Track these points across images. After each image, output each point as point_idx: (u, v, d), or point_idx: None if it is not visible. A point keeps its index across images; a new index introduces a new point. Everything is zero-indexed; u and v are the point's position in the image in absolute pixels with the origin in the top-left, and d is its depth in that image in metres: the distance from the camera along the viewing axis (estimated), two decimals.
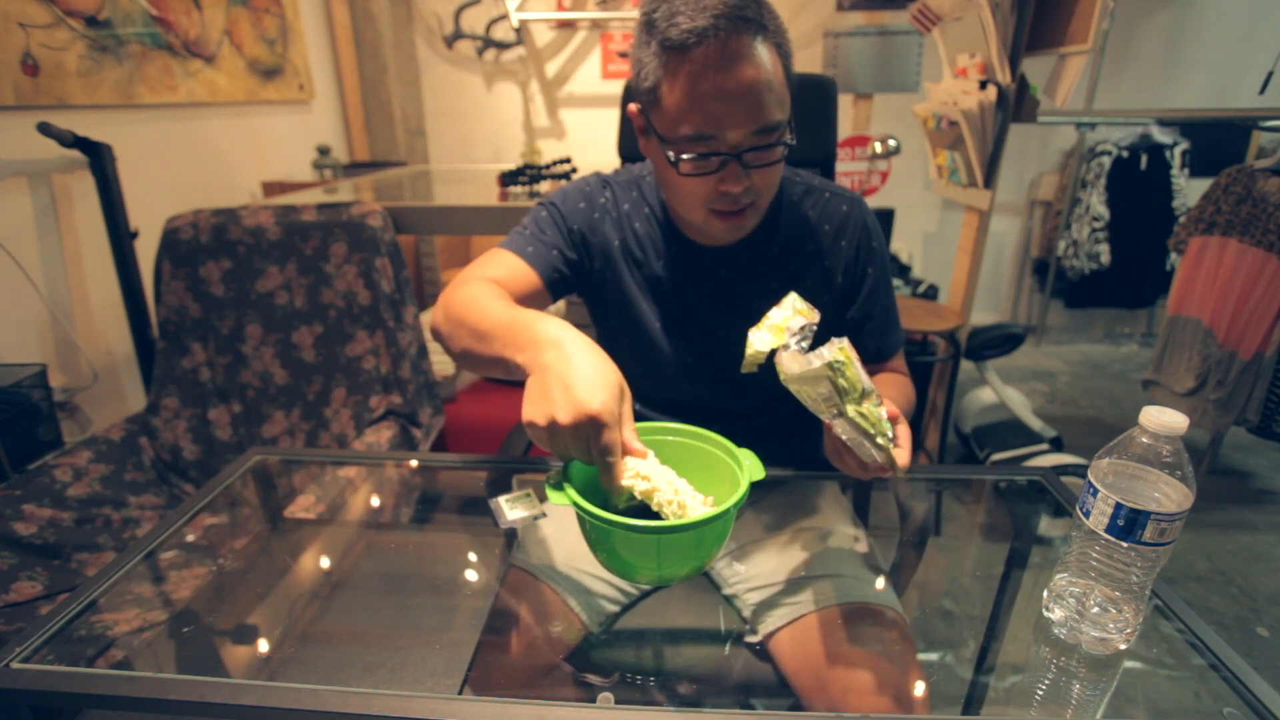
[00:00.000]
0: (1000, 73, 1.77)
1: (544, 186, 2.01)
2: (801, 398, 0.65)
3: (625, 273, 0.91)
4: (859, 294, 0.92)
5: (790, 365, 0.63)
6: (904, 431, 0.69)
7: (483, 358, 0.71)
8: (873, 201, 2.64)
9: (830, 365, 0.61)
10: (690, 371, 0.91)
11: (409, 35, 3.15)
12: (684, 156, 0.73)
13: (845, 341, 0.64)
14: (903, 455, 0.67)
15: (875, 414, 0.65)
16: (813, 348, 0.68)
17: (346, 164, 2.87)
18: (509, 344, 0.67)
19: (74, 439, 1.54)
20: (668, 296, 0.91)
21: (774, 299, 0.88)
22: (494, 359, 0.69)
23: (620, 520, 0.62)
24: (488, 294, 0.75)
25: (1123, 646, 0.62)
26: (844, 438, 0.66)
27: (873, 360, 0.94)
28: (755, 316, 0.91)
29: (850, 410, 0.63)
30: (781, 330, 0.65)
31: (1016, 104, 1.78)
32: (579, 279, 0.91)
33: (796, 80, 1.12)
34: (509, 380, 2.13)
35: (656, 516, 0.63)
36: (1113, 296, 3.21)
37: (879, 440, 0.64)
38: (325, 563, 0.95)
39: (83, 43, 1.71)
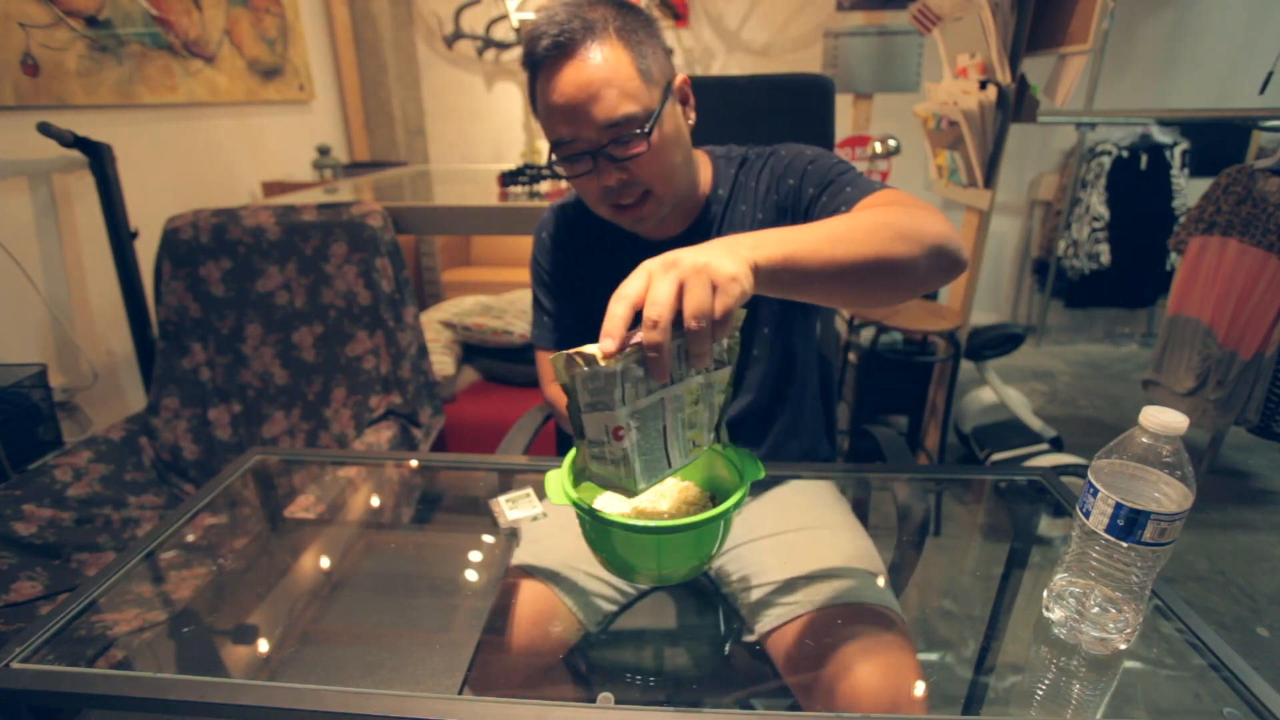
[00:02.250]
0: (1000, 73, 1.77)
1: (544, 186, 2.01)
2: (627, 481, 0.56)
3: (592, 294, 0.95)
4: (801, 200, 0.86)
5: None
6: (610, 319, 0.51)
7: None
8: None
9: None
10: None
11: (409, 35, 3.16)
12: (558, 161, 0.80)
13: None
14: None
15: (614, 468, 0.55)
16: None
17: (346, 164, 2.87)
18: None
19: (74, 439, 1.54)
20: None
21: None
22: None
23: (620, 520, 0.62)
24: None
25: (1123, 646, 0.62)
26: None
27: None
28: None
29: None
30: None
31: (1016, 104, 1.78)
32: (590, 319, 0.96)
33: (793, 79, 1.13)
34: (514, 382, 2.13)
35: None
36: (1113, 296, 3.20)
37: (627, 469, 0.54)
38: (325, 563, 0.95)
39: (83, 43, 1.71)
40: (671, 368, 0.51)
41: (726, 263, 0.51)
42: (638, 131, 0.76)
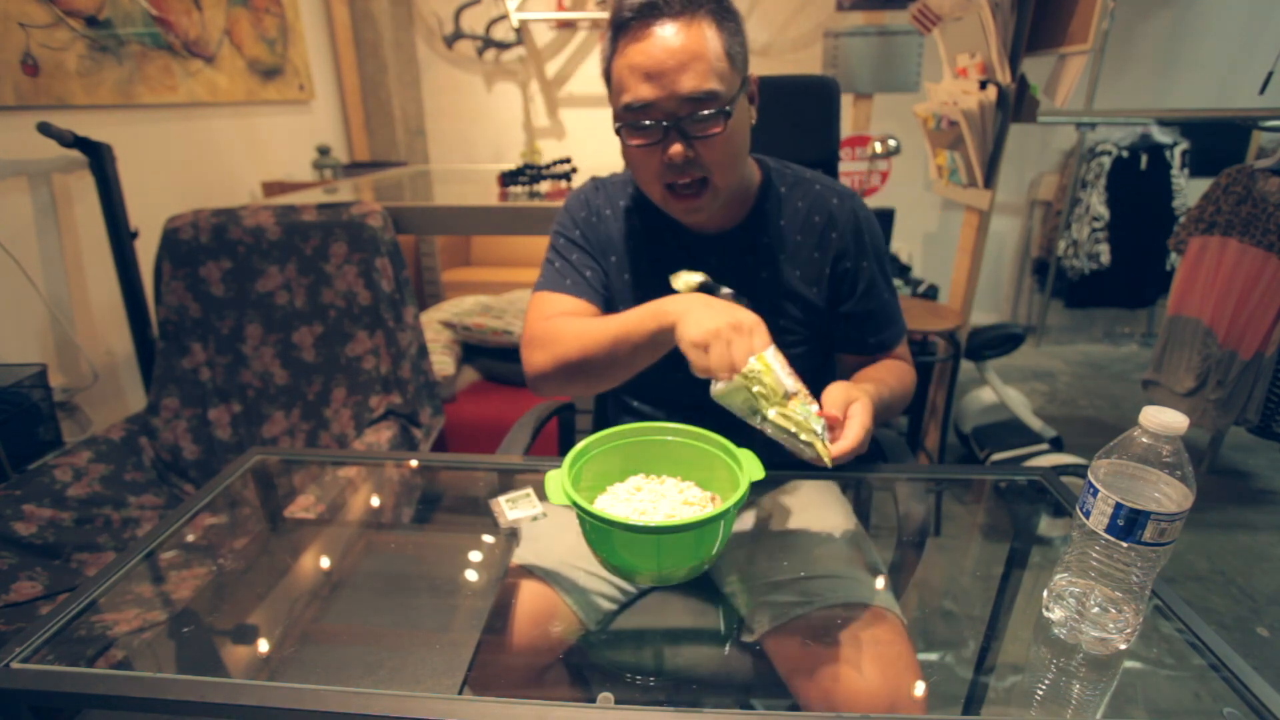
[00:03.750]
0: (1000, 73, 1.77)
1: (544, 186, 2.01)
2: (732, 410, 0.70)
3: (623, 268, 0.94)
4: (855, 289, 0.92)
5: (716, 384, 0.70)
6: (852, 426, 0.71)
7: (615, 360, 0.80)
8: (872, 201, 2.64)
9: (744, 375, 0.67)
10: (682, 363, 0.92)
11: (409, 35, 3.16)
12: (626, 126, 0.79)
13: (768, 351, 0.69)
14: (840, 446, 0.70)
15: (800, 413, 0.69)
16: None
17: (346, 164, 2.87)
18: (642, 327, 0.77)
19: (74, 439, 1.54)
20: (662, 287, 0.92)
21: (762, 288, 0.89)
22: (630, 351, 0.79)
23: (620, 520, 0.62)
24: (578, 323, 0.85)
25: (1123, 646, 0.62)
26: (775, 438, 0.70)
27: (874, 352, 0.96)
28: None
29: (771, 413, 0.68)
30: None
31: (1016, 104, 1.78)
32: (609, 286, 0.97)
33: (797, 80, 1.14)
34: (514, 382, 2.13)
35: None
36: (1113, 296, 3.20)
37: (803, 438, 0.68)
38: (325, 563, 0.95)
39: (83, 43, 1.71)
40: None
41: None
42: (716, 111, 0.76)
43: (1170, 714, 0.62)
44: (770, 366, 0.68)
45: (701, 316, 0.71)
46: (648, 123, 0.77)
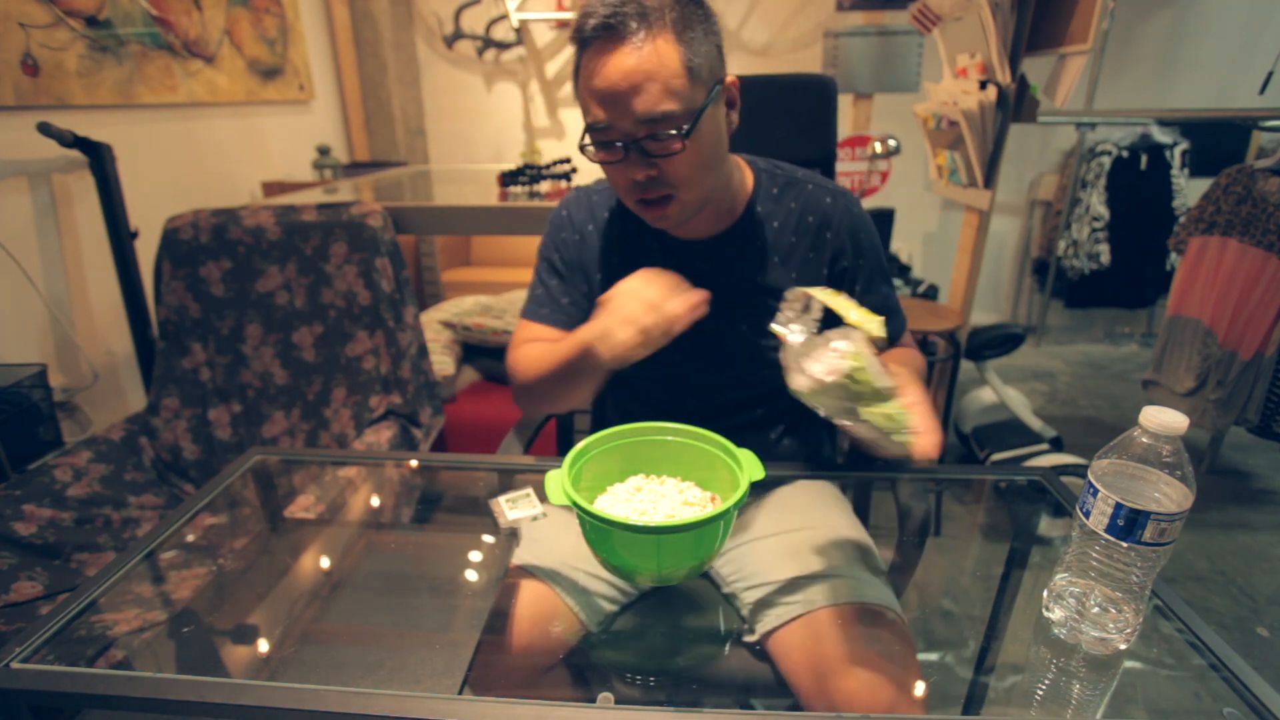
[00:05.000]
0: (1000, 73, 1.77)
1: (544, 186, 2.01)
2: (817, 409, 0.65)
3: (610, 279, 0.93)
4: (854, 288, 0.92)
5: (799, 380, 0.63)
6: (926, 417, 0.64)
7: (568, 381, 0.83)
8: (872, 201, 2.64)
9: (849, 375, 0.61)
10: (680, 368, 0.92)
11: (409, 35, 3.16)
12: (590, 143, 0.79)
13: (858, 339, 0.63)
14: (924, 442, 0.63)
15: (893, 413, 0.63)
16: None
17: (346, 164, 2.87)
18: (568, 353, 0.79)
19: (74, 439, 1.54)
20: None
21: (757, 291, 0.89)
22: (575, 372, 0.81)
23: (620, 520, 0.62)
24: (536, 349, 0.90)
25: (1123, 646, 0.62)
26: (864, 437, 0.64)
27: (880, 349, 0.95)
28: (738, 310, 0.92)
29: (865, 413, 0.62)
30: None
31: (1016, 104, 1.78)
32: (592, 304, 0.94)
33: (794, 79, 1.14)
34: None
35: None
36: (1113, 296, 3.20)
37: (895, 438, 0.63)
38: (325, 563, 0.95)
39: (83, 43, 1.71)
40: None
41: None
42: (674, 131, 0.75)
43: (1170, 714, 0.62)
44: (864, 360, 0.62)
45: (617, 323, 0.71)
46: (608, 142, 0.77)
